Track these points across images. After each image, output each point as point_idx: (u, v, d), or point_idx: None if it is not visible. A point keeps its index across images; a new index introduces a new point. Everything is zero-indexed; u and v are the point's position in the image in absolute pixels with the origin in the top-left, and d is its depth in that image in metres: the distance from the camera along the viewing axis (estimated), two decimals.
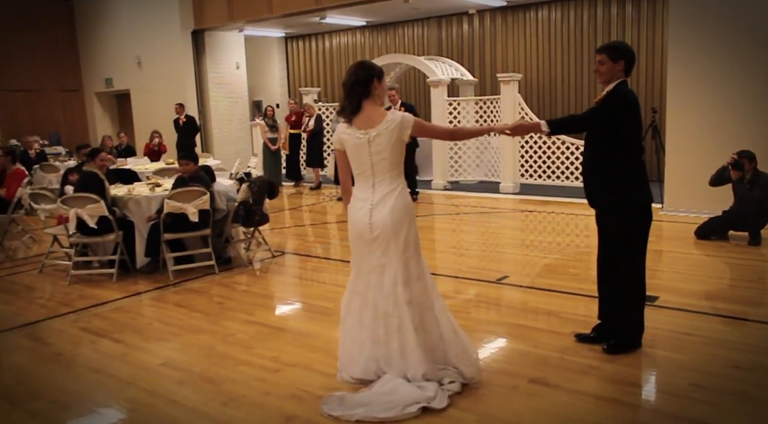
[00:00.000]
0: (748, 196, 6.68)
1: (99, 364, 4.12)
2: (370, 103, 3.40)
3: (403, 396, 3.28)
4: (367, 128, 3.35)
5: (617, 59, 3.64)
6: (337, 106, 3.56)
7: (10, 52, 15.51)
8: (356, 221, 3.47)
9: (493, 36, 13.14)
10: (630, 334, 3.90)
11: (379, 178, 3.41)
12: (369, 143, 3.35)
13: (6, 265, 7.12)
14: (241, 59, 15.38)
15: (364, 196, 3.46)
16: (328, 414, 3.24)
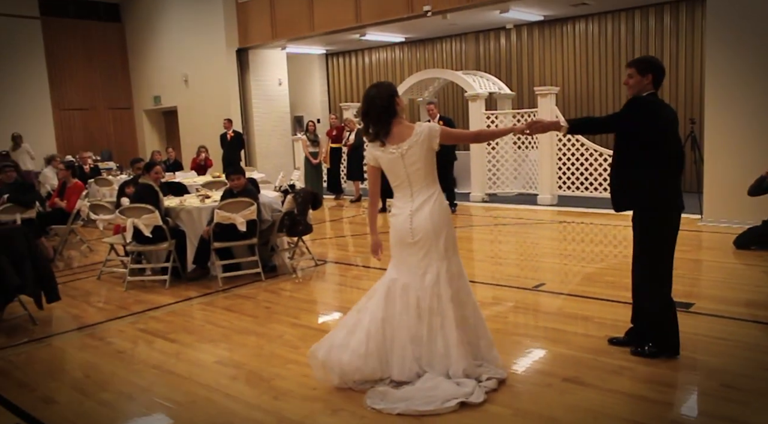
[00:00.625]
0: None
1: (157, 361, 4.42)
2: (397, 121, 3.61)
3: (443, 392, 3.48)
4: (398, 143, 3.57)
5: (645, 73, 3.80)
6: (366, 135, 3.70)
7: (67, 74, 16.35)
8: (398, 227, 3.69)
9: (531, 50, 13.29)
10: (661, 338, 3.96)
11: (416, 187, 3.63)
12: (402, 157, 3.56)
13: (66, 272, 7.55)
14: (284, 76, 15.88)
15: (403, 205, 3.68)
16: (371, 407, 3.46)
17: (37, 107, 15.67)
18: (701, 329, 4.50)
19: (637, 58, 3.99)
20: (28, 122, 15.24)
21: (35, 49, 15.66)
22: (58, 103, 16.18)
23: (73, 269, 7.74)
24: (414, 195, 3.63)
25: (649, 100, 3.81)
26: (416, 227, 3.62)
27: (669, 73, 11.45)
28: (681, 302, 5.02)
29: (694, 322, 4.65)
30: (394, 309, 3.67)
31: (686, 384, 3.59)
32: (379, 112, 3.58)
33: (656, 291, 3.93)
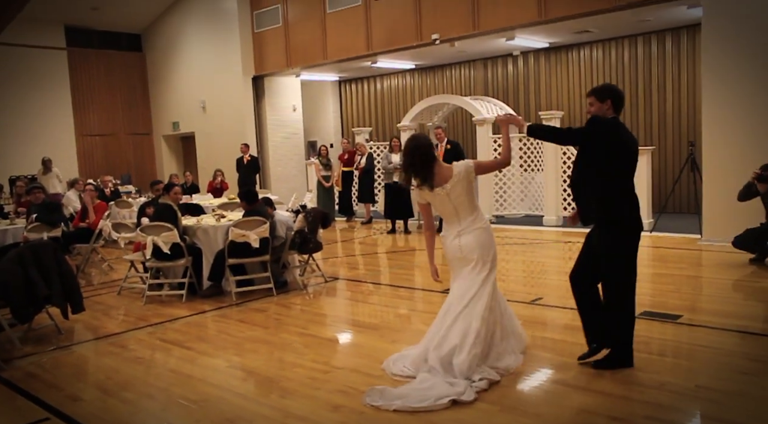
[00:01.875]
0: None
1: (174, 365, 4.76)
2: (437, 164, 4.19)
3: (437, 391, 3.78)
4: (443, 184, 4.14)
5: (604, 99, 4.09)
6: (414, 182, 4.23)
7: (90, 101, 17.02)
8: (448, 246, 4.30)
9: (537, 76, 13.68)
10: (620, 351, 4.14)
11: (462, 215, 4.24)
12: (448, 195, 4.17)
13: (88, 288, 7.92)
14: (298, 102, 16.40)
15: (452, 228, 4.28)
16: (370, 405, 3.75)
17: (61, 133, 16.33)
18: (684, 338, 4.76)
19: (595, 87, 4.25)
20: (53, 147, 15.86)
21: (61, 78, 16.37)
22: (80, 129, 16.82)
23: (94, 286, 8.13)
24: (461, 220, 4.24)
25: (610, 120, 4.06)
26: (464, 245, 4.21)
27: (672, 97, 11.79)
28: (669, 314, 5.31)
29: (678, 331, 4.91)
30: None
31: (664, 385, 3.83)
32: (423, 161, 4.12)
33: (625, 308, 4.15)
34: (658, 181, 11.82)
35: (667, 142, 12.02)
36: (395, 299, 6.73)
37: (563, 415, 3.56)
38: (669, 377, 3.96)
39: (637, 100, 12.31)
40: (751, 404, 3.58)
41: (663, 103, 12.00)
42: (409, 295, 6.85)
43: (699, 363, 4.22)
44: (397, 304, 6.48)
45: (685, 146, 11.42)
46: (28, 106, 15.69)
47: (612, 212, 4.05)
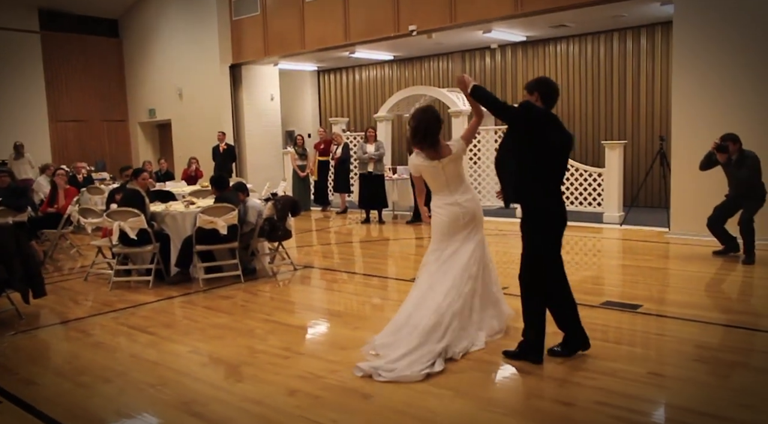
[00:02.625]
0: (737, 175, 7.02)
1: (134, 350, 4.74)
2: (440, 139, 4.44)
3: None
4: (440, 159, 4.39)
5: (532, 92, 4.11)
6: (414, 142, 4.44)
7: (64, 86, 16.76)
8: (451, 213, 4.48)
9: (514, 69, 13.74)
10: (529, 339, 4.14)
11: (452, 187, 4.51)
12: (443, 169, 4.43)
13: (55, 275, 7.85)
14: (276, 91, 16.30)
15: (449, 200, 4.50)
16: (361, 373, 3.97)
17: (34, 118, 16.06)
18: (641, 327, 4.84)
19: (528, 81, 4.32)
20: (25, 132, 15.60)
21: (34, 62, 16.08)
22: (54, 115, 16.57)
23: (62, 272, 8.04)
24: (453, 193, 4.49)
25: (538, 109, 4.04)
26: (467, 210, 4.48)
27: (645, 92, 11.91)
28: (629, 304, 5.39)
29: (637, 320, 4.99)
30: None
31: (617, 372, 3.90)
32: (426, 132, 4.33)
33: (527, 296, 4.17)
34: (630, 175, 11.96)
35: (641, 137, 12.16)
36: (364, 287, 6.76)
37: (514, 400, 3.61)
38: (622, 364, 4.03)
39: (612, 95, 12.42)
40: (698, 390, 3.65)
41: (637, 98, 12.12)
42: (379, 284, 6.88)
43: (653, 351, 4.30)
44: (364, 292, 6.51)
45: (654, 141, 11.57)
46: (1, 91, 15.42)
47: (524, 196, 4.13)
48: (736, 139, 7.07)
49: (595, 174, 10.56)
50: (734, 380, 3.79)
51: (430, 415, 3.40)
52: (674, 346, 4.39)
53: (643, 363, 4.04)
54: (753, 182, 7.02)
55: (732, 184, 7.24)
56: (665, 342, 4.47)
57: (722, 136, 7.16)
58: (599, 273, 7.09)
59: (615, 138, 11.91)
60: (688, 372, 3.91)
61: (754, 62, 8.03)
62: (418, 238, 9.97)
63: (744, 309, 5.51)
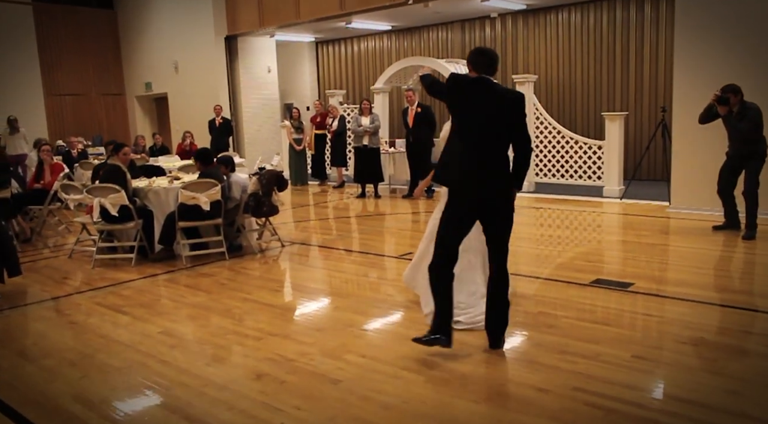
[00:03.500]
0: (738, 128, 6.73)
1: (106, 331, 4.60)
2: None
3: None
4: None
5: (467, 64, 3.86)
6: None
7: (59, 59, 16.50)
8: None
9: (515, 39, 13.37)
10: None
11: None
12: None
13: (43, 251, 7.74)
14: (273, 63, 15.99)
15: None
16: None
17: (29, 93, 15.83)
18: (629, 307, 4.65)
19: None
20: (20, 108, 15.38)
21: (27, 35, 15.80)
22: (50, 89, 16.35)
23: (49, 248, 7.93)
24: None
25: (463, 78, 3.85)
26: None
27: (649, 62, 11.54)
28: (620, 282, 5.19)
29: (625, 300, 4.80)
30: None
31: (599, 355, 3.72)
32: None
33: (430, 268, 3.87)
34: (633, 148, 11.67)
35: (644, 108, 11.83)
36: (351, 264, 6.59)
37: (487, 386, 3.45)
38: (606, 347, 3.85)
39: (614, 65, 12.06)
40: (683, 375, 3.48)
41: (640, 68, 11.76)
42: (367, 261, 6.70)
43: (639, 332, 4.11)
44: (351, 270, 6.34)
45: (652, 112, 11.27)
46: None
47: (443, 170, 4.06)
48: (737, 91, 6.73)
49: (595, 147, 10.27)
50: (722, 365, 3.60)
51: (398, 402, 3.24)
52: (662, 327, 4.21)
53: (627, 346, 3.86)
54: (754, 136, 6.71)
55: (732, 138, 6.94)
56: (653, 323, 4.28)
57: (723, 87, 6.83)
58: (593, 249, 6.87)
59: (618, 110, 11.58)
60: (674, 355, 3.74)
61: (758, 31, 7.69)
62: (414, 212, 9.78)
63: (741, 288, 5.30)
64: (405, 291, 5.12)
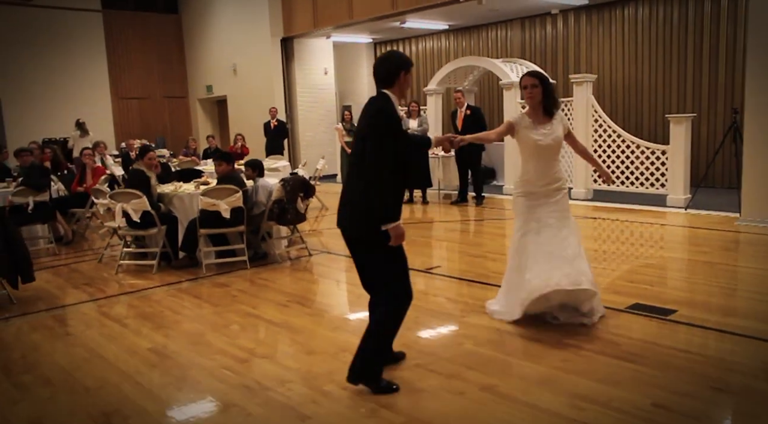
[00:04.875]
0: None
1: (96, 344, 4.43)
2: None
3: None
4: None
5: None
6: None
7: (125, 64, 16.99)
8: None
9: (578, 36, 12.60)
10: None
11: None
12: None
13: (76, 254, 7.78)
14: (330, 65, 15.85)
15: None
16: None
17: (97, 96, 16.38)
18: (665, 339, 4.04)
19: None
20: (89, 110, 15.95)
21: (96, 40, 16.36)
22: (117, 92, 16.86)
23: (84, 252, 7.96)
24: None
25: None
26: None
27: (725, 61, 10.58)
28: (661, 308, 4.60)
29: (662, 331, 4.19)
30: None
31: (612, 401, 3.18)
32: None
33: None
34: (705, 153, 10.72)
35: (717, 111, 10.84)
36: None
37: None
38: (623, 391, 3.30)
39: (685, 64, 11.12)
40: None
41: (715, 67, 10.78)
42: None
43: (669, 373, 3.52)
44: None
45: (726, 114, 10.28)
46: (64, 69, 15.78)
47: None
48: None
49: (659, 152, 9.44)
50: (763, 421, 3.00)
51: None
52: (699, 368, 3.59)
53: (650, 391, 3.29)
54: None
55: None
56: (687, 362, 3.67)
57: None
58: (641, 268, 6.16)
59: (689, 112, 10.65)
60: (705, 407, 3.15)
61: None
62: (462, 220, 9.30)
63: None
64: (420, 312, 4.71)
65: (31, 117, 15.13)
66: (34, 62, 15.34)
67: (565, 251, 4.21)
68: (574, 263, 4.18)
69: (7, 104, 15.20)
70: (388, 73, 3.34)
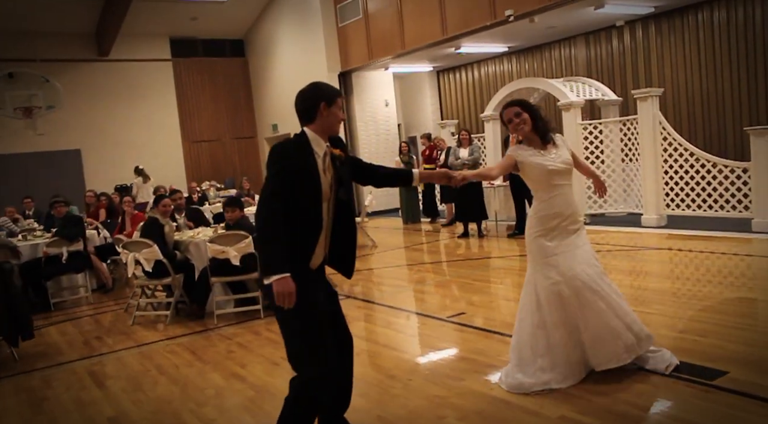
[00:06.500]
0: None
1: (61, 411, 4.14)
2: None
3: None
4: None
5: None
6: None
7: (195, 108, 17.50)
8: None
9: (647, 48, 11.58)
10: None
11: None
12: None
13: (109, 304, 7.71)
14: (390, 96, 15.54)
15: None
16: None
17: (169, 141, 16.92)
18: (703, 415, 3.19)
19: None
20: (162, 155, 16.52)
21: (167, 88, 16.98)
22: (187, 136, 17.35)
23: (119, 300, 7.86)
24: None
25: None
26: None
27: None
28: (708, 368, 3.73)
29: (702, 401, 3.33)
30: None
31: None
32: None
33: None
34: None
35: None
36: (384, 328, 5.63)
37: None
38: None
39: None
40: None
41: None
42: (406, 324, 5.70)
43: None
44: (380, 337, 5.38)
45: None
46: (137, 117, 16.43)
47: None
48: None
49: (739, 170, 8.29)
50: None
51: None
52: None
53: None
54: None
55: None
56: None
57: None
58: (695, 314, 5.13)
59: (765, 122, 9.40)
60: None
61: None
62: (511, 256, 8.53)
63: None
64: (411, 370, 4.09)
65: (107, 165, 15.78)
66: (109, 112, 16.07)
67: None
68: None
69: (86, 154, 15.97)
70: (305, 107, 2.94)
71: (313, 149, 2.87)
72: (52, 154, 15.39)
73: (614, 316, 3.63)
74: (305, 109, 2.95)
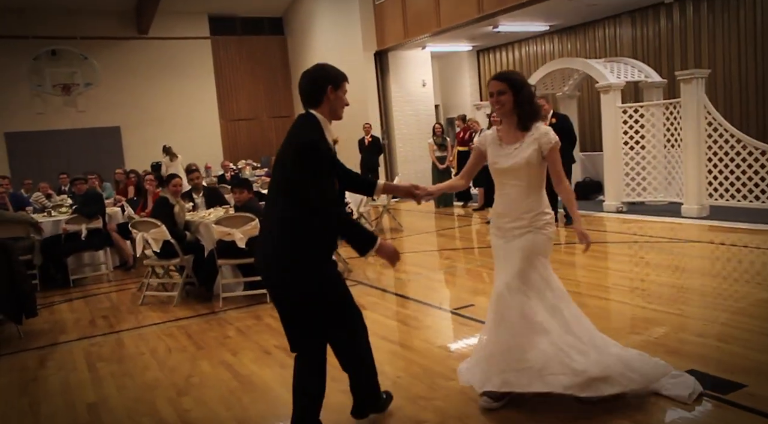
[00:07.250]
0: None
1: (44, 394, 4.09)
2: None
3: None
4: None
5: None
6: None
7: (233, 87, 17.49)
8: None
9: (697, 28, 10.87)
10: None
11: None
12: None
13: (126, 282, 7.71)
14: (428, 77, 15.16)
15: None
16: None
17: (207, 119, 16.97)
18: None
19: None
20: (199, 133, 16.59)
21: (205, 66, 16.99)
22: (225, 114, 17.37)
23: (138, 278, 7.85)
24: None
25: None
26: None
27: None
28: (725, 380, 3.39)
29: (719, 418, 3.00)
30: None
31: None
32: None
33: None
34: None
35: None
36: (386, 318, 5.41)
37: None
38: None
39: None
40: None
41: None
42: (408, 315, 5.46)
43: None
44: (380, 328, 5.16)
45: None
46: (176, 95, 16.52)
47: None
48: None
49: None
50: None
51: None
52: None
53: None
54: None
55: None
56: None
57: None
58: (723, 314, 4.72)
59: None
60: None
61: None
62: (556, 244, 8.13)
63: None
64: (399, 370, 3.86)
65: (146, 142, 15.92)
66: (148, 90, 16.20)
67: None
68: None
69: (126, 131, 16.16)
70: (312, 90, 2.90)
71: (326, 136, 2.89)
72: (93, 131, 15.64)
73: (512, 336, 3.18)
74: (311, 91, 2.92)
